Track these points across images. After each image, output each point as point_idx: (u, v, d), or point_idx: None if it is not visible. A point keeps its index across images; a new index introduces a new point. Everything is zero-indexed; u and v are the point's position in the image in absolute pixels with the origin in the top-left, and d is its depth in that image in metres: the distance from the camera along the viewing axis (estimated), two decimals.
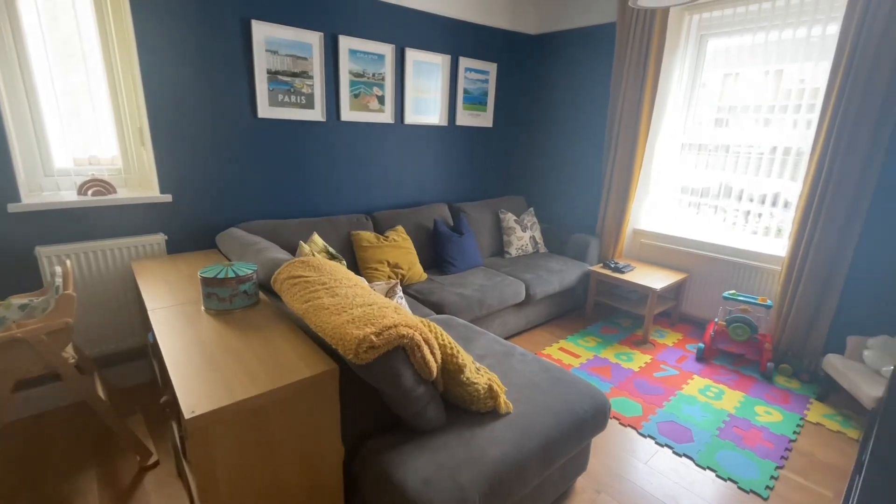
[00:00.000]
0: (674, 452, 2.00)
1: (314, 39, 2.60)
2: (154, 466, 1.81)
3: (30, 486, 1.70)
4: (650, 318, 2.98)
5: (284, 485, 1.24)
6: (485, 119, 3.67)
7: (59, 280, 1.71)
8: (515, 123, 3.96)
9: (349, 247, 2.76)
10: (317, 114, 2.72)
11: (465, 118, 3.52)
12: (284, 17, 2.47)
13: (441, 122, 3.37)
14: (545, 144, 3.96)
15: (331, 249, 2.52)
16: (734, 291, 2.87)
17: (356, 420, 1.42)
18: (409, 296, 2.66)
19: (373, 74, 2.90)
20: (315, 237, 2.52)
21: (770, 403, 2.39)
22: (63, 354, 1.60)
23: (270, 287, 1.75)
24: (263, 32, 2.41)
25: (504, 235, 3.51)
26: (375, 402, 1.45)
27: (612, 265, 3.22)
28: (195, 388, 1.13)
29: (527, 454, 1.36)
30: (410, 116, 3.17)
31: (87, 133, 2.20)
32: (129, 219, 2.25)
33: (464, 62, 3.36)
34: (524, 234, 3.52)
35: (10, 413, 1.96)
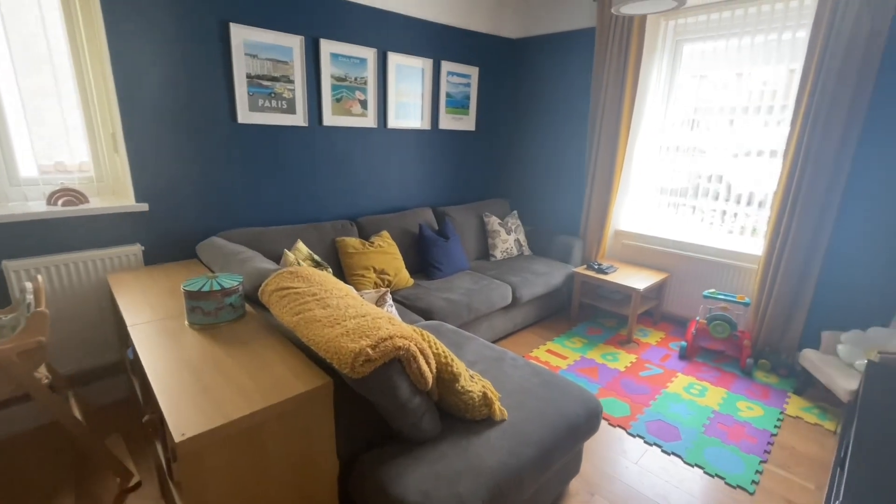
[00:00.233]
0: (662, 451, 2.04)
1: (294, 43, 2.55)
2: (136, 488, 1.74)
3: None
4: (634, 318, 3.03)
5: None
6: (467, 122, 3.67)
7: (30, 296, 1.62)
8: (498, 127, 3.98)
9: (334, 254, 2.72)
10: (298, 118, 2.67)
11: (448, 122, 3.52)
12: (264, 21, 2.42)
13: (424, 126, 3.36)
14: (528, 147, 3.99)
15: (316, 257, 2.47)
16: (714, 290, 2.95)
17: (350, 433, 1.39)
18: (397, 302, 2.64)
19: (355, 78, 2.86)
20: (299, 245, 2.47)
21: (751, 399, 2.46)
22: (36, 375, 1.52)
23: (256, 298, 1.70)
24: (242, 35, 2.35)
25: (489, 238, 3.52)
26: (369, 414, 1.42)
27: (596, 266, 3.27)
28: (184, 409, 1.09)
29: (524, 462, 1.36)
30: (393, 121, 3.14)
31: (55, 139, 2.10)
32: (103, 229, 2.16)
33: (446, 66, 3.35)
34: (509, 237, 3.53)
35: None
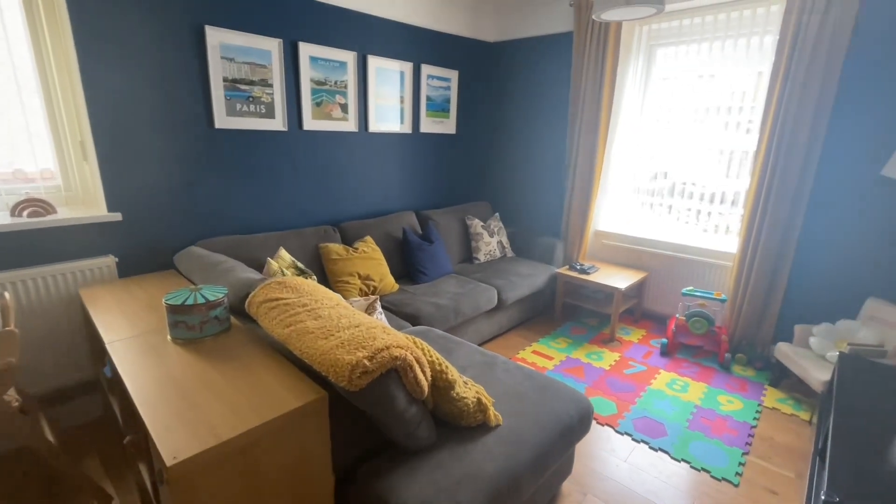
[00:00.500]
0: (650, 447, 2.08)
1: (273, 46, 2.49)
2: None
3: None
4: (616, 317, 3.09)
5: None
6: (448, 126, 3.67)
7: None
8: (479, 129, 4.00)
9: (318, 260, 2.67)
10: (278, 123, 2.61)
11: (429, 125, 3.51)
12: (241, 24, 2.36)
13: (405, 130, 3.34)
14: (508, 149, 4.02)
15: (299, 264, 2.42)
16: (692, 287, 3.03)
17: (345, 445, 1.36)
18: (384, 308, 2.61)
19: (335, 82, 2.82)
20: (282, 252, 2.41)
21: (730, 392, 2.54)
22: (5, 398, 1.43)
23: (240, 309, 1.65)
24: (218, 38, 2.28)
25: (472, 241, 3.53)
26: (363, 424, 1.40)
27: (578, 267, 3.32)
28: (173, 430, 1.04)
29: (521, 466, 1.36)
30: (374, 124, 3.11)
31: (15, 146, 1.99)
32: (74, 241, 2.06)
33: (426, 69, 3.35)
34: (491, 240, 3.55)
35: None
